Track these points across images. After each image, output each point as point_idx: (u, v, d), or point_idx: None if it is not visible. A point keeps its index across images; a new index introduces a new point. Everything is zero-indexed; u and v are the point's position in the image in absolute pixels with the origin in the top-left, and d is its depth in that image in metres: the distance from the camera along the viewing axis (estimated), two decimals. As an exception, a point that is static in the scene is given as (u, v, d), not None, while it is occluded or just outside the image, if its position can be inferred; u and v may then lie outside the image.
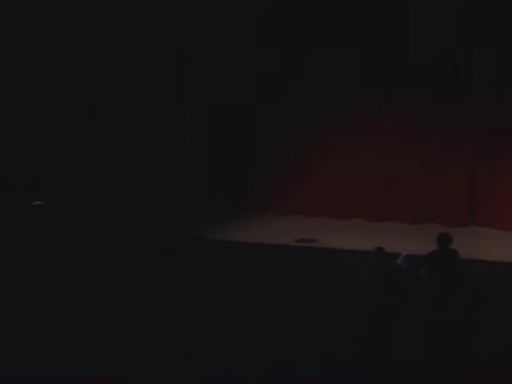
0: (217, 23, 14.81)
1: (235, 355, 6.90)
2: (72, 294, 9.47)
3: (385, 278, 9.73)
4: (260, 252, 12.13)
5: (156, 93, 15.34)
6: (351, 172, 14.65)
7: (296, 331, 7.44)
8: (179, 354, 7.33)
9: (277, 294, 9.23)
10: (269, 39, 14.60)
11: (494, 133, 13.60)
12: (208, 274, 10.12)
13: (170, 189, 15.17)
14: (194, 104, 15.25)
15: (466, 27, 13.38)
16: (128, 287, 9.85)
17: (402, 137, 14.32)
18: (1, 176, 14.74)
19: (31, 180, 14.96)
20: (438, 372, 6.26)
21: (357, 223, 14.31)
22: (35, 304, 9.09)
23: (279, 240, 13.08)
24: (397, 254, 10.80)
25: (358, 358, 6.49)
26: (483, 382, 6.18)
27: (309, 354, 6.59)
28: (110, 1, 15.12)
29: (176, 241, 12.70)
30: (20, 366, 7.20)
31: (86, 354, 7.43)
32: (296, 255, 11.95)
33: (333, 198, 14.83)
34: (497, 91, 13.38)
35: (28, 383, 6.97)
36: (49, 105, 15.44)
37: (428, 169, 14.14)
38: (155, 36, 15.12)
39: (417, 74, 13.82)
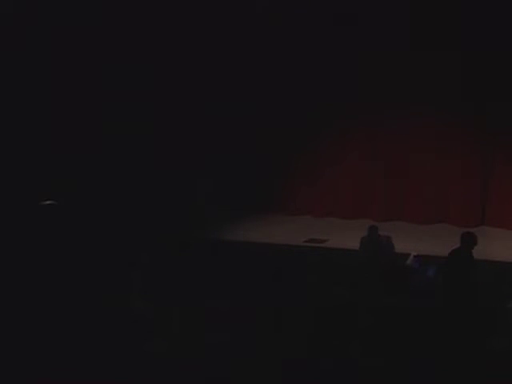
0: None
1: (246, 355, 6.90)
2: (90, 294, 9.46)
3: (394, 278, 9.74)
4: (270, 252, 12.12)
5: (165, 96, 15.35)
6: (360, 173, 14.66)
7: (307, 331, 7.44)
8: (190, 354, 7.33)
9: (286, 294, 9.22)
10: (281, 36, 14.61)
11: (505, 133, 13.60)
12: (217, 274, 10.11)
13: (180, 190, 15.20)
14: (206, 107, 15.26)
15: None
16: (138, 287, 9.84)
17: (411, 137, 14.33)
18: None
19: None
20: (450, 372, 6.26)
21: (366, 223, 14.26)
22: (41, 304, 9.09)
23: (289, 240, 13.08)
24: (406, 254, 10.82)
25: (369, 358, 6.49)
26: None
27: (320, 354, 6.60)
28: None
29: (187, 241, 12.71)
30: (23, 367, 7.21)
31: (94, 353, 7.45)
32: (306, 255, 11.94)
33: (342, 198, 14.84)
34: (508, 93, 13.38)
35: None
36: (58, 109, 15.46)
37: (438, 169, 14.13)
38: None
39: (427, 76, 13.83)
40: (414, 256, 10.76)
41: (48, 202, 14.92)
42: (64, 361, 7.35)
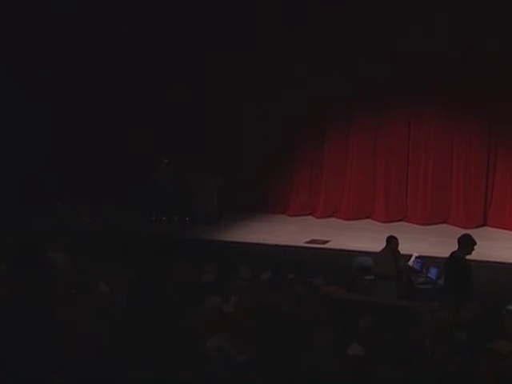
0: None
1: (243, 357, 6.86)
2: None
3: (395, 279, 9.72)
4: (271, 253, 12.10)
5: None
6: (362, 174, 14.62)
7: (306, 332, 7.40)
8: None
9: (286, 294, 9.18)
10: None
11: (507, 134, 13.58)
12: (219, 275, 10.07)
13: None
14: (205, 103, 15.19)
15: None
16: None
17: (412, 138, 14.30)
18: None
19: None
20: (450, 373, 6.23)
21: (368, 224, 14.26)
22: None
23: (290, 241, 13.04)
24: (408, 255, 10.79)
25: (367, 360, 6.46)
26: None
27: (317, 354, 6.56)
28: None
29: (187, 241, 12.70)
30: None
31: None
32: (307, 256, 11.90)
33: (343, 199, 14.80)
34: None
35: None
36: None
37: (440, 170, 14.10)
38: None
39: (428, 73, 13.81)
40: (416, 257, 10.73)
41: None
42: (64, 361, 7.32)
